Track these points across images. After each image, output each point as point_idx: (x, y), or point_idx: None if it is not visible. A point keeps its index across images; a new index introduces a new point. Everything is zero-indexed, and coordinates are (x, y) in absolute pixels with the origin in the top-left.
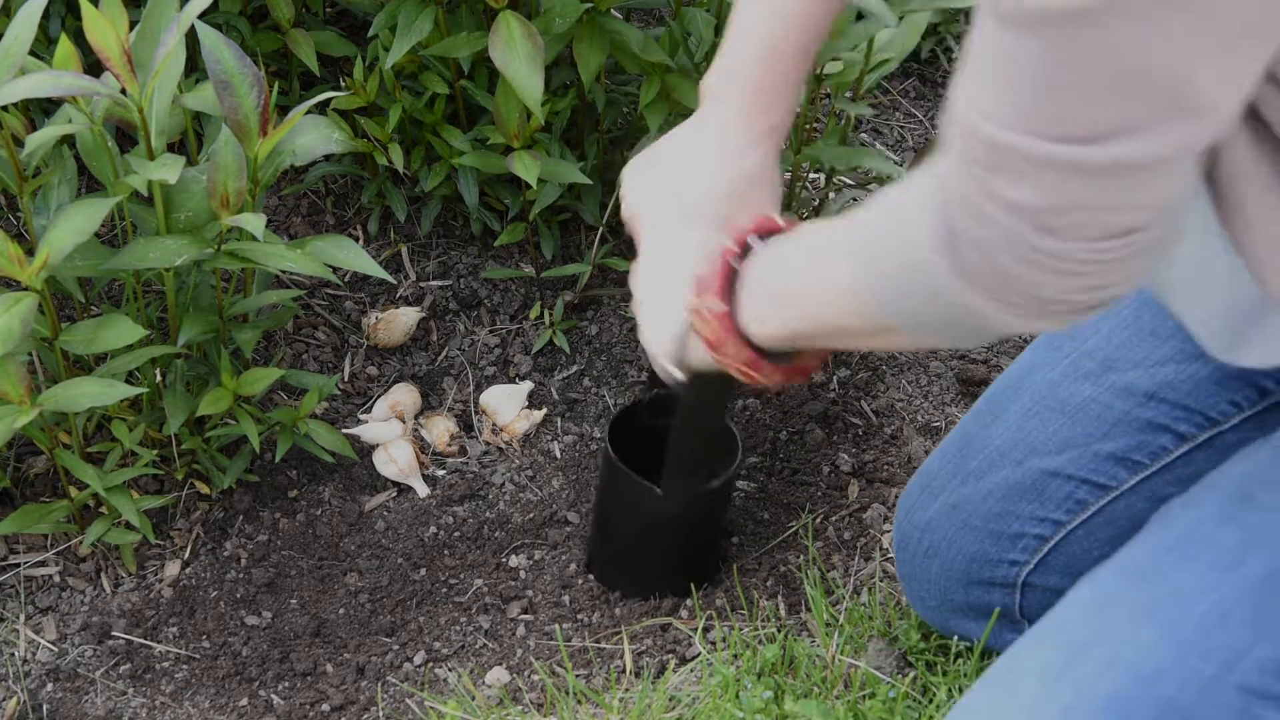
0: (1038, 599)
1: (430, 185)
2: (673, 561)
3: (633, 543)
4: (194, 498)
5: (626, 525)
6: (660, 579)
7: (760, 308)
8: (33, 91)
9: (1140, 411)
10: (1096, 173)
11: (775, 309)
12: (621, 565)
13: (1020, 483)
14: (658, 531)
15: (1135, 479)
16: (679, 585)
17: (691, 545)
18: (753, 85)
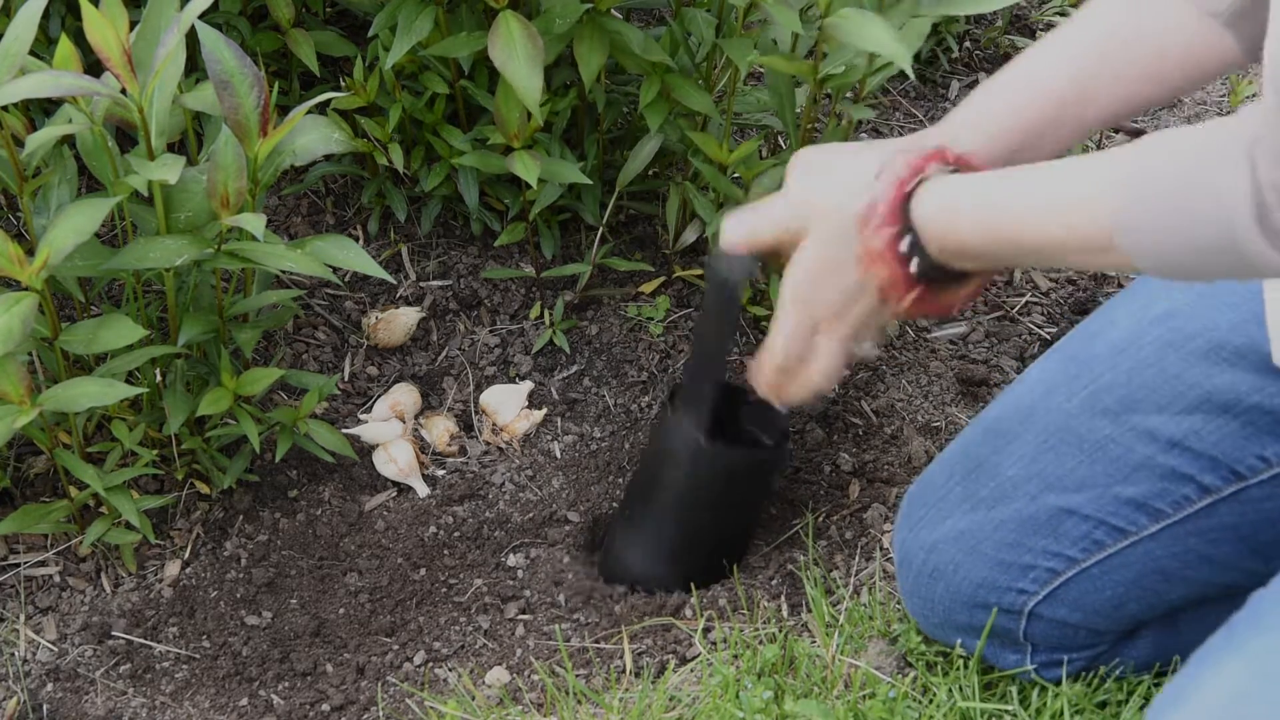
0: (1043, 628)
1: (430, 185)
2: (699, 541)
3: (665, 514)
4: (194, 498)
5: (664, 489)
6: (683, 561)
7: (950, 218)
8: (33, 91)
9: (1163, 459)
10: None
11: (971, 223)
12: (646, 547)
13: (1034, 517)
14: (693, 498)
15: (1156, 526)
16: (698, 570)
17: (721, 524)
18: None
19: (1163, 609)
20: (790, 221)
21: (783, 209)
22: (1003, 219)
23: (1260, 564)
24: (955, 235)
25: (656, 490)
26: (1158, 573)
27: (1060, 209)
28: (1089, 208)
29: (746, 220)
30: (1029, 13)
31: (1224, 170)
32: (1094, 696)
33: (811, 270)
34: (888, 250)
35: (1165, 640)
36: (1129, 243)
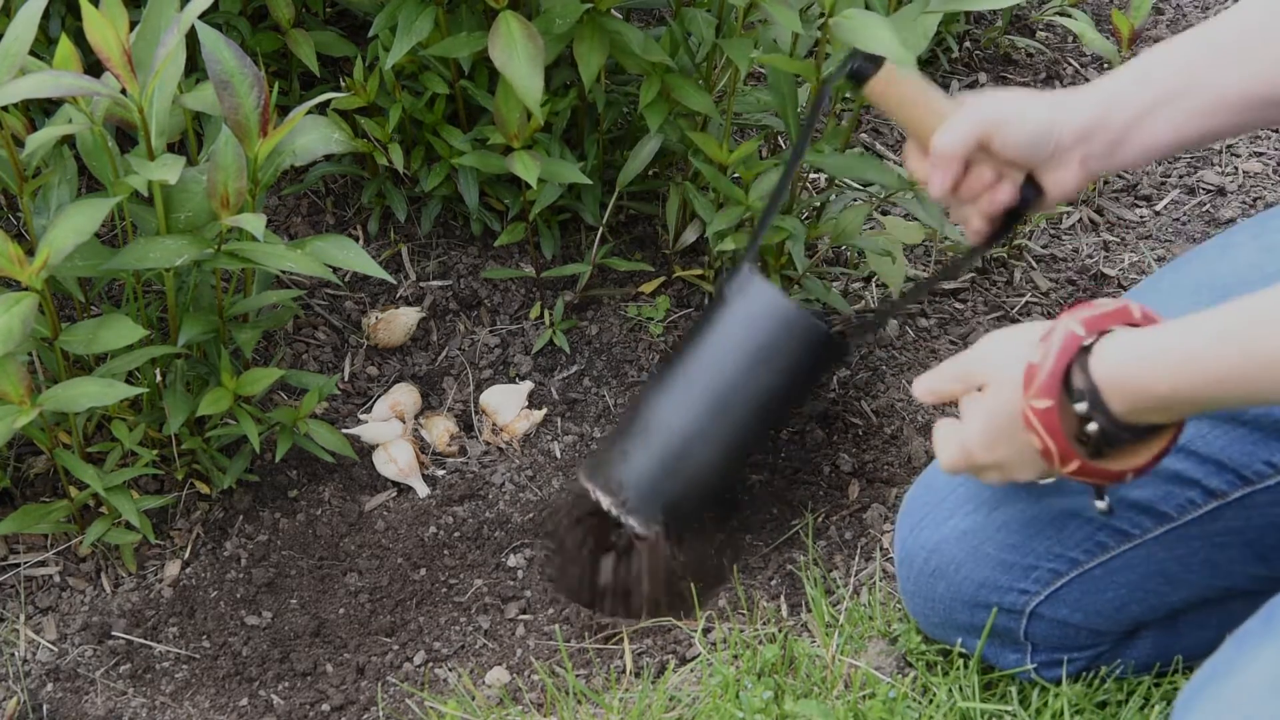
0: (1044, 628)
1: (430, 185)
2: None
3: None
4: (194, 498)
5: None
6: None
7: (1149, 367)
8: (33, 92)
9: (1169, 462)
10: None
11: (1181, 363)
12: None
13: (1038, 518)
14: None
15: (1160, 529)
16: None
17: (775, 400)
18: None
19: (1164, 611)
20: (966, 374)
21: (960, 362)
22: (1237, 347)
23: (1264, 569)
24: (1155, 384)
25: (715, 359)
26: (1160, 575)
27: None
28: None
29: (927, 379)
30: (1029, 13)
31: None
32: (1094, 696)
33: (984, 430)
34: (1045, 417)
35: (1166, 641)
36: None
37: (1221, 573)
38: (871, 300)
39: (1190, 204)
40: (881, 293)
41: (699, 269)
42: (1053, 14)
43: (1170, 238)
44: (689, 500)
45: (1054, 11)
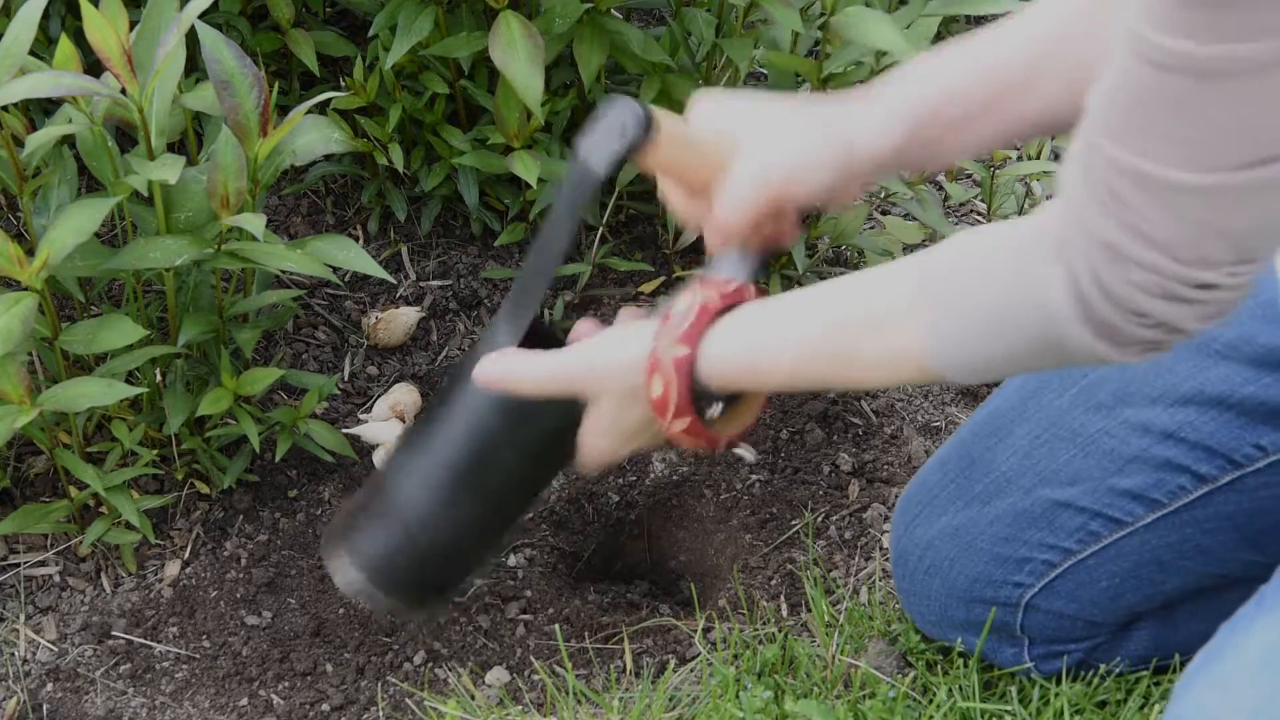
0: (1040, 620)
1: (430, 185)
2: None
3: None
4: (194, 498)
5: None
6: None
7: (741, 359)
8: (33, 91)
9: (1158, 450)
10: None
11: (762, 370)
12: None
13: (1029, 511)
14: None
15: (1152, 516)
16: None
17: (511, 474)
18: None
19: (1159, 600)
20: (568, 387)
21: (558, 378)
22: (786, 355)
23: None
24: (760, 384)
25: (443, 423)
26: (1154, 563)
27: (860, 334)
28: (897, 330)
29: (503, 377)
30: None
31: (1039, 276)
32: (1093, 695)
33: (620, 440)
34: (689, 430)
35: (1162, 632)
36: (943, 362)
37: (1214, 559)
38: None
39: None
40: None
41: (699, 269)
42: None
43: None
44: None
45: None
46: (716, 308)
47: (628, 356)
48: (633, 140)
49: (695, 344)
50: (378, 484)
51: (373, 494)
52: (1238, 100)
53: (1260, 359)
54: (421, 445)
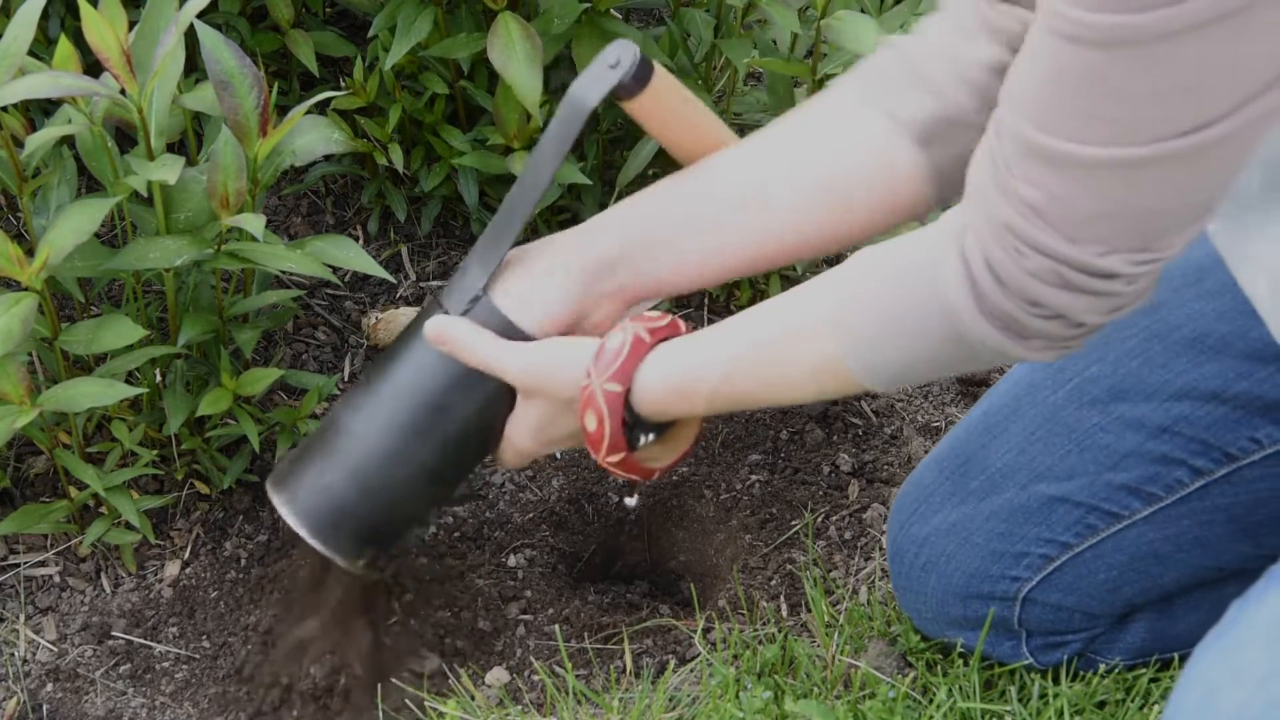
0: (1038, 613)
1: (430, 185)
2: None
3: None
4: (194, 498)
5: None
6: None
7: (670, 383)
8: (32, 92)
9: (1153, 445)
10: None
11: (692, 391)
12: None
13: (1025, 505)
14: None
15: (1149, 510)
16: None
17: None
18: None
19: (1157, 592)
20: (506, 378)
21: (499, 364)
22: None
23: (1253, 546)
24: (688, 409)
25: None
26: (1151, 556)
27: (781, 346)
28: (814, 339)
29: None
30: None
31: (940, 268)
32: (1093, 695)
33: (540, 440)
34: (623, 465)
35: (1160, 624)
36: (860, 366)
37: (1211, 551)
38: None
39: None
40: None
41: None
42: None
43: None
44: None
45: None
46: (649, 343)
47: (565, 378)
48: (626, 73)
49: (628, 380)
50: (327, 425)
51: (320, 432)
52: (1147, 71)
53: (1254, 353)
54: (376, 384)
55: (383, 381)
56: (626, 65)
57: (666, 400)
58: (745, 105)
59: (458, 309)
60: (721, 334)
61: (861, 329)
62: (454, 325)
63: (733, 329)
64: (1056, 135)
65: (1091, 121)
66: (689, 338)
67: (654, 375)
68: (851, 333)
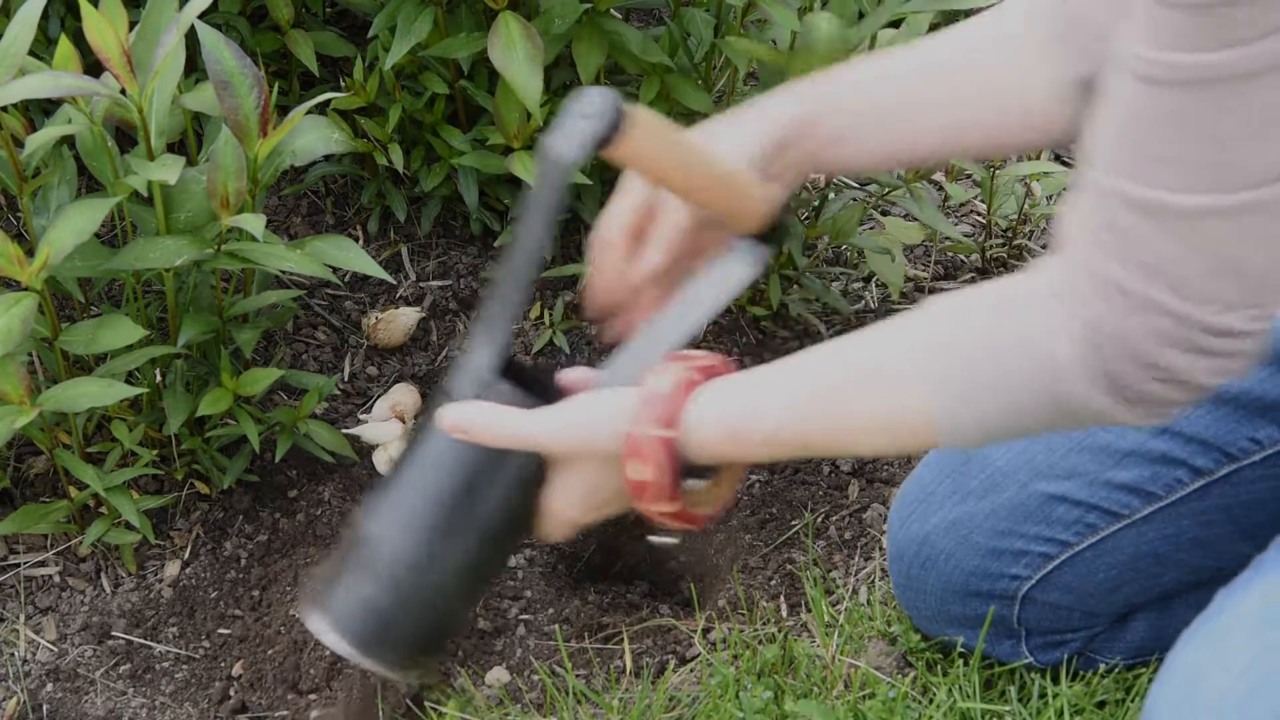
0: (1037, 612)
1: (430, 185)
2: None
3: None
4: (194, 498)
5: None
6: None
7: (723, 427)
8: (32, 92)
9: (1153, 444)
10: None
11: (746, 435)
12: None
13: (1025, 504)
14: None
15: (1149, 509)
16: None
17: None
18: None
19: (1156, 592)
20: (537, 449)
21: (528, 437)
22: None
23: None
24: (742, 456)
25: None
26: (1150, 555)
27: (854, 393)
28: (895, 389)
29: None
30: None
31: (1043, 329)
32: (1093, 695)
33: (588, 505)
34: (676, 517)
35: (1160, 623)
36: (947, 424)
37: (1211, 551)
38: (871, 300)
39: None
40: (881, 292)
41: None
42: None
43: None
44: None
45: None
46: (697, 383)
47: (607, 431)
48: (603, 120)
49: (677, 424)
50: (353, 537)
51: (348, 547)
52: (1233, 111)
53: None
54: (397, 487)
55: (403, 483)
56: (602, 113)
57: (719, 445)
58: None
59: (468, 393)
60: (781, 375)
61: (951, 386)
62: (470, 409)
63: (795, 370)
64: (1151, 185)
65: (1186, 168)
66: (744, 377)
67: (707, 417)
68: (945, 388)
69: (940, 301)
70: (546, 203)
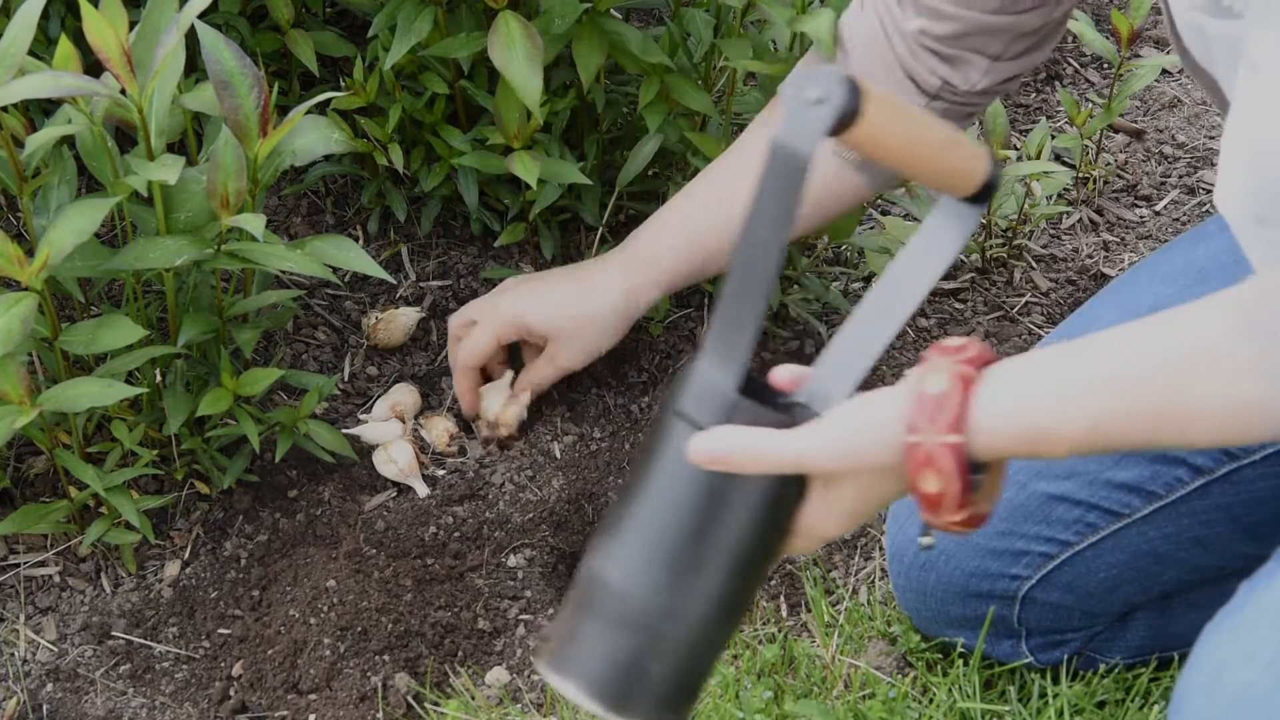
0: (1037, 612)
1: (430, 185)
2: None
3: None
4: (194, 498)
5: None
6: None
7: (1020, 426)
8: (33, 92)
9: None
10: None
11: (1054, 432)
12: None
13: (1025, 504)
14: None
15: (1149, 508)
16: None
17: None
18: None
19: (1157, 591)
20: (803, 470)
21: (793, 457)
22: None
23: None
24: (1013, 452)
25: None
26: (1150, 555)
27: (1188, 378)
28: (1234, 386)
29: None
30: None
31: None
32: (1093, 695)
33: (850, 520)
34: (965, 523)
35: (1160, 622)
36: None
37: (1211, 551)
38: None
39: (1190, 204)
40: None
41: None
42: None
43: (1170, 238)
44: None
45: None
46: (974, 379)
47: (883, 442)
48: (839, 103)
49: (965, 428)
50: (587, 583)
51: (582, 594)
52: None
53: None
54: (633, 526)
55: (640, 520)
56: (834, 95)
57: (1015, 444)
58: (745, 105)
59: (712, 418)
60: (1073, 363)
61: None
62: (725, 437)
63: (1091, 358)
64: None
65: None
66: (1025, 367)
67: (1000, 416)
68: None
69: (1240, 290)
70: (782, 207)
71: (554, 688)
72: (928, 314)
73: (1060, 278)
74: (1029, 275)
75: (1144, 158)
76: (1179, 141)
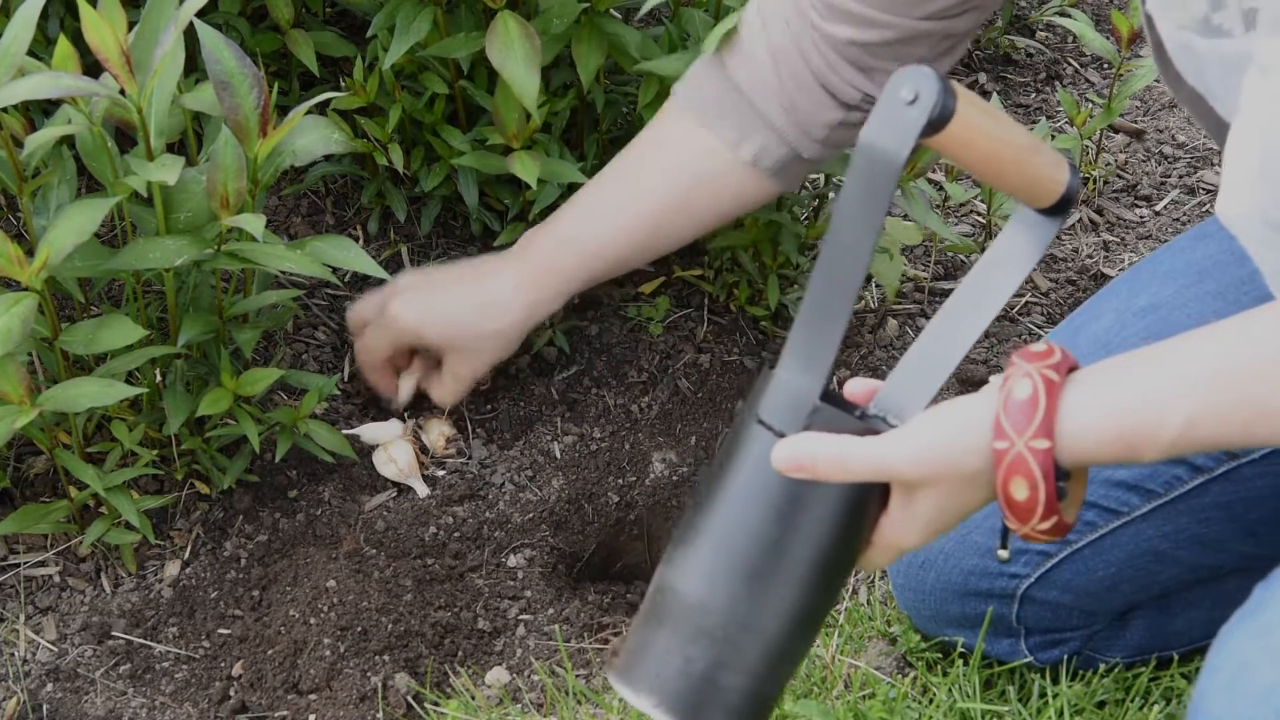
0: (1036, 611)
1: (430, 185)
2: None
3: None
4: (194, 498)
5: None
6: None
7: (1113, 429)
8: (32, 93)
9: None
10: None
11: (1148, 435)
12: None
13: None
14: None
15: (1148, 506)
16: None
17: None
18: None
19: (1155, 590)
20: (886, 478)
21: (878, 464)
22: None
23: (1251, 545)
24: (1105, 456)
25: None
26: (1150, 553)
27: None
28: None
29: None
30: (1029, 13)
31: None
32: (1093, 695)
33: (930, 530)
34: (1053, 531)
35: (1159, 621)
36: None
37: (1211, 549)
38: (871, 300)
39: (1190, 204)
40: (879, 293)
41: (698, 269)
42: (1052, 14)
43: (1170, 237)
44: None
45: (1054, 11)
46: (1059, 384)
47: (969, 449)
48: (933, 105)
49: (1053, 434)
50: (660, 595)
51: (656, 606)
52: None
53: None
54: (709, 537)
55: (715, 530)
56: (928, 96)
57: (1107, 449)
58: None
59: (794, 424)
60: (1164, 364)
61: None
62: (810, 443)
63: (1183, 359)
64: None
65: None
66: (1115, 370)
67: (1091, 421)
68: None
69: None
70: (870, 210)
71: (627, 700)
72: (927, 314)
73: (1060, 278)
74: (1029, 275)
75: (1144, 158)
76: (1179, 141)
